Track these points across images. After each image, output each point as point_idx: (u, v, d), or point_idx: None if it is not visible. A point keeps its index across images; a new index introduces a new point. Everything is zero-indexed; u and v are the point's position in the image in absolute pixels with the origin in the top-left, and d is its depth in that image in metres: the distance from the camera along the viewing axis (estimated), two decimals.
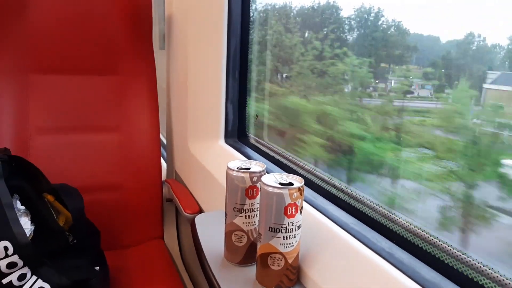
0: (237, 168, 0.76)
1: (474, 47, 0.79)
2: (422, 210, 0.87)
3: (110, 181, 1.46)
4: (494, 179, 0.76)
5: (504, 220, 0.73)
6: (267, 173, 0.75)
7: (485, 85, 0.77)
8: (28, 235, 1.00)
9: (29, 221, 1.04)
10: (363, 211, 0.84)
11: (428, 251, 0.69)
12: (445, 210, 0.82)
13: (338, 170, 1.16)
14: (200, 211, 1.32)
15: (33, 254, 1.00)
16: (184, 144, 1.51)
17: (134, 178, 1.48)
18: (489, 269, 0.61)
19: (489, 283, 0.60)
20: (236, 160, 0.80)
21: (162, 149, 1.80)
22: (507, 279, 0.58)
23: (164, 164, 1.82)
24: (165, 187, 1.56)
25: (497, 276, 0.59)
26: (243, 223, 0.76)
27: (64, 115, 1.44)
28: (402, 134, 0.96)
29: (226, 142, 1.45)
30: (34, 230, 1.05)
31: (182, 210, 1.31)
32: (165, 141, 1.87)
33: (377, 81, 1.06)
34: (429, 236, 0.71)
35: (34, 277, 0.99)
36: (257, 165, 0.78)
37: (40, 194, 1.12)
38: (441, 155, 0.85)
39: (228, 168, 0.76)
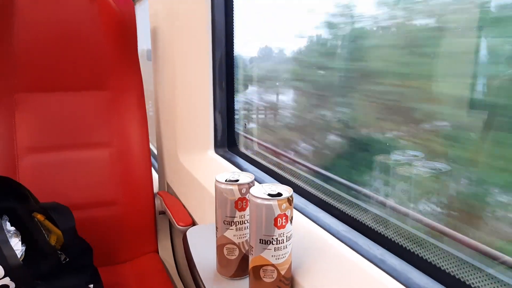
0: (226, 180, 0.75)
1: None
2: None
3: (102, 197, 1.45)
4: None
5: None
6: (257, 183, 0.75)
7: None
8: (19, 256, 0.99)
9: (20, 242, 1.03)
10: (354, 217, 0.84)
11: (420, 255, 0.69)
12: None
13: None
14: (193, 223, 1.31)
15: (25, 276, 0.98)
16: (174, 155, 1.50)
17: (125, 193, 1.47)
18: (481, 271, 0.61)
19: (483, 286, 0.60)
20: (226, 170, 0.80)
21: (154, 161, 1.80)
22: (501, 280, 0.58)
23: (156, 176, 1.82)
24: (157, 200, 1.56)
25: (490, 278, 0.59)
26: (234, 235, 0.75)
27: (52, 133, 1.43)
28: None
29: (216, 152, 1.44)
30: (25, 250, 1.04)
31: (175, 222, 1.30)
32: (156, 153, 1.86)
33: None
34: (421, 241, 0.71)
35: None
36: (245, 176, 0.77)
37: (30, 214, 1.11)
38: None
39: (216, 180, 0.75)
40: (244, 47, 1.44)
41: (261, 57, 1.49)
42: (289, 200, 0.67)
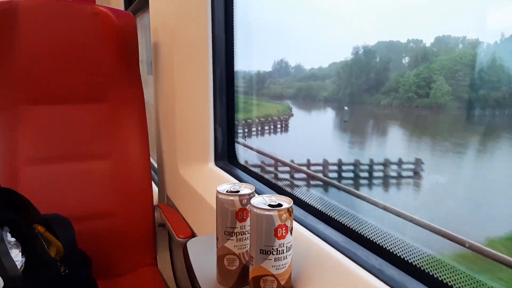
0: (226, 192, 0.76)
1: None
2: None
3: (102, 209, 1.46)
4: None
5: None
6: (257, 194, 0.76)
7: None
8: (19, 268, 0.99)
9: (20, 253, 1.03)
10: (353, 229, 0.84)
11: (418, 266, 0.69)
12: None
13: None
14: (193, 235, 1.32)
15: (25, 287, 0.98)
16: (174, 168, 1.51)
17: (125, 205, 1.48)
18: (477, 281, 0.61)
19: None
20: (226, 182, 0.81)
21: (153, 174, 1.80)
22: None
23: (155, 189, 1.82)
24: (157, 212, 1.56)
25: None
26: (234, 246, 0.76)
27: (53, 144, 1.44)
28: None
29: (216, 164, 1.45)
30: (25, 262, 1.04)
31: (175, 235, 1.30)
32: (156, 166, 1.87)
33: None
34: (419, 251, 0.71)
35: None
36: (246, 187, 0.78)
37: (30, 225, 1.11)
38: None
39: (217, 191, 0.76)
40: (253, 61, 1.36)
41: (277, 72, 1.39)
42: (289, 211, 0.68)
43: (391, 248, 0.75)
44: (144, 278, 1.46)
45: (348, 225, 0.86)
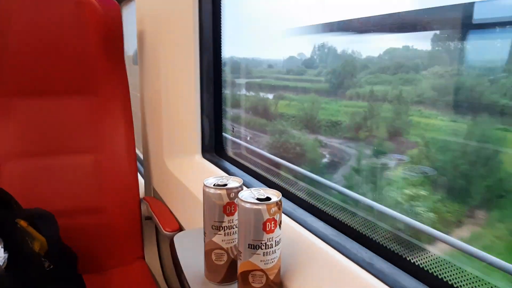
0: (214, 185, 0.75)
1: None
2: None
3: (87, 203, 1.43)
4: None
5: None
6: (245, 187, 0.74)
7: None
8: (2, 264, 0.97)
9: (2, 249, 1.01)
10: (342, 221, 0.84)
11: (408, 259, 0.69)
12: None
13: None
14: (180, 228, 1.30)
15: (8, 284, 0.96)
16: (160, 160, 1.49)
17: (111, 199, 1.45)
18: (471, 274, 0.61)
19: None
20: (213, 175, 0.79)
21: (139, 166, 1.78)
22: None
23: (142, 181, 1.80)
24: (144, 205, 1.54)
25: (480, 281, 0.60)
26: (222, 240, 0.75)
27: (36, 138, 1.40)
28: None
29: (204, 156, 1.43)
30: (8, 258, 1.01)
31: (162, 228, 1.29)
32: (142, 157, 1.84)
33: None
34: (409, 244, 0.71)
35: None
36: (234, 180, 0.77)
37: (13, 221, 1.08)
38: None
39: (204, 185, 0.75)
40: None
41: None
42: (278, 204, 0.67)
43: (381, 241, 0.74)
44: (131, 272, 1.45)
45: (337, 218, 0.85)
